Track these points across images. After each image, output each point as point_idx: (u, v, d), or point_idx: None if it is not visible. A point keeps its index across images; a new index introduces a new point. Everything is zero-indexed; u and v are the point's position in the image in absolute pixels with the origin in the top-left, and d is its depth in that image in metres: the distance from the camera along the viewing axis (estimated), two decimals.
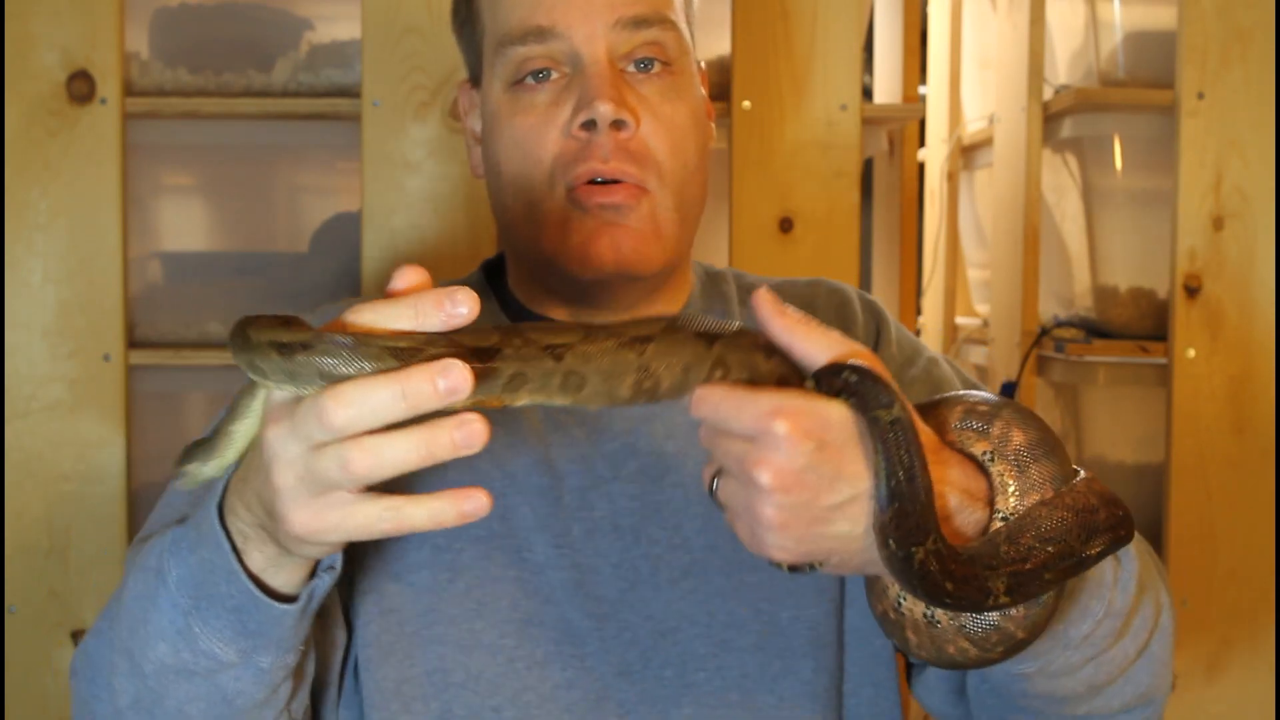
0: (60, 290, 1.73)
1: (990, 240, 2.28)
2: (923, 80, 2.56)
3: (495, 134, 1.03)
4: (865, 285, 2.48)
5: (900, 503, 0.73)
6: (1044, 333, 2.06)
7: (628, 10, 0.99)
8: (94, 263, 1.73)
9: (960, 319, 2.59)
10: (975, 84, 2.50)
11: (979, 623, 0.80)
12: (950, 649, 0.81)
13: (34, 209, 1.72)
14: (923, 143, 2.63)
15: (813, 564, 0.77)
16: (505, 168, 1.02)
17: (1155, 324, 1.99)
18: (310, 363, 0.68)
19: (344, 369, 0.67)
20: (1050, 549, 0.76)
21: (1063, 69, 2.13)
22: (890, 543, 0.73)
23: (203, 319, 1.84)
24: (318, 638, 0.94)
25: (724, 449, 0.75)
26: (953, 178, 2.58)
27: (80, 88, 1.72)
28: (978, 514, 0.79)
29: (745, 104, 1.82)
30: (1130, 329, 2.02)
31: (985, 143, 2.37)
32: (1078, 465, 0.82)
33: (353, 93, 1.79)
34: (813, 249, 1.82)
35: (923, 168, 2.63)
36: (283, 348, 0.68)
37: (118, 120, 1.73)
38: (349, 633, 0.99)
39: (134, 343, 1.78)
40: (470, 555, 0.98)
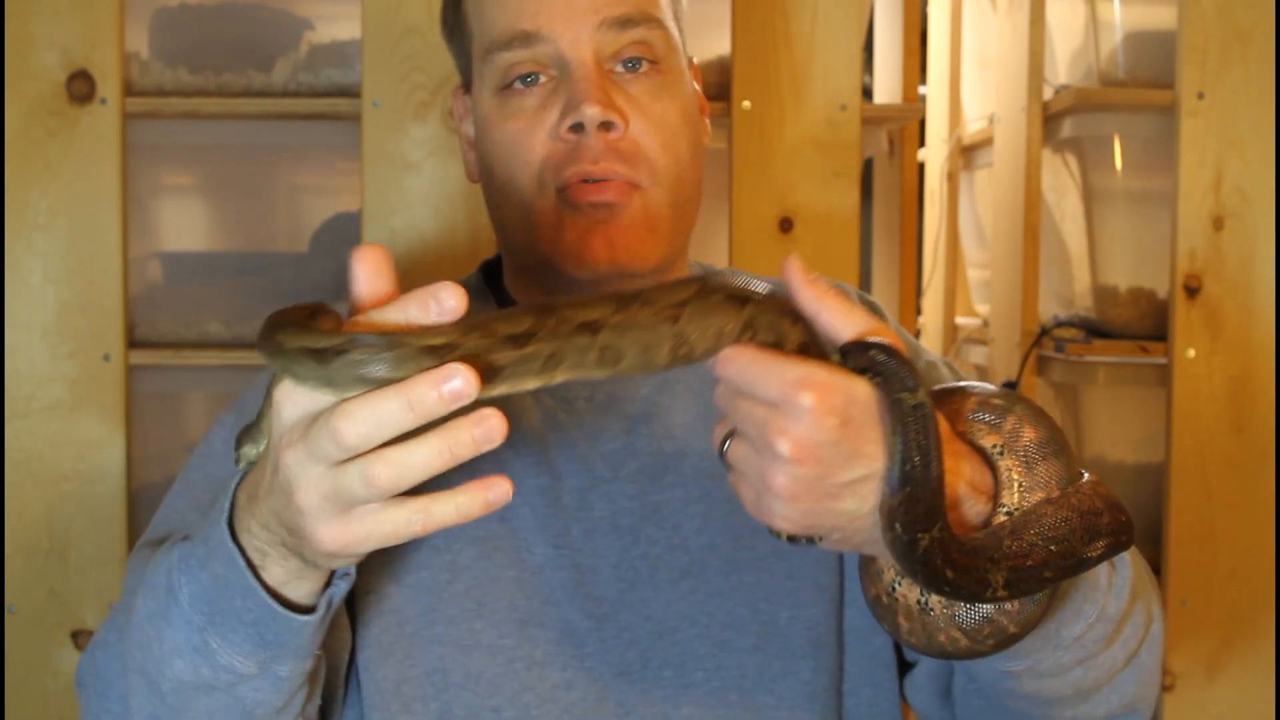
0: (60, 290, 1.73)
1: (990, 240, 2.28)
2: (923, 80, 2.56)
3: (486, 139, 1.03)
4: (865, 285, 2.48)
5: (912, 488, 0.72)
6: (1044, 333, 2.06)
7: (612, 11, 0.99)
8: (94, 263, 1.73)
9: (960, 319, 2.59)
10: (975, 84, 2.50)
11: (972, 614, 0.80)
12: (941, 637, 0.81)
13: (34, 209, 1.72)
14: (923, 143, 2.63)
15: (812, 537, 0.77)
16: (497, 172, 1.02)
17: (1155, 324, 1.99)
18: (347, 368, 0.67)
19: (382, 372, 0.66)
20: (1053, 547, 0.76)
21: (1063, 69, 2.13)
22: (896, 525, 0.73)
23: (203, 319, 1.84)
24: (327, 641, 0.94)
25: (744, 412, 0.74)
26: (953, 178, 2.58)
27: (80, 88, 1.72)
28: (980, 506, 0.79)
29: (745, 104, 1.82)
30: (1130, 329, 2.02)
31: (985, 143, 2.37)
32: (1079, 466, 0.82)
33: (353, 93, 1.79)
34: (813, 249, 1.82)
35: (923, 168, 2.63)
36: (317, 354, 0.67)
37: (118, 120, 1.73)
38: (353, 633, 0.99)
39: (134, 343, 1.78)
40: (470, 555, 0.98)
